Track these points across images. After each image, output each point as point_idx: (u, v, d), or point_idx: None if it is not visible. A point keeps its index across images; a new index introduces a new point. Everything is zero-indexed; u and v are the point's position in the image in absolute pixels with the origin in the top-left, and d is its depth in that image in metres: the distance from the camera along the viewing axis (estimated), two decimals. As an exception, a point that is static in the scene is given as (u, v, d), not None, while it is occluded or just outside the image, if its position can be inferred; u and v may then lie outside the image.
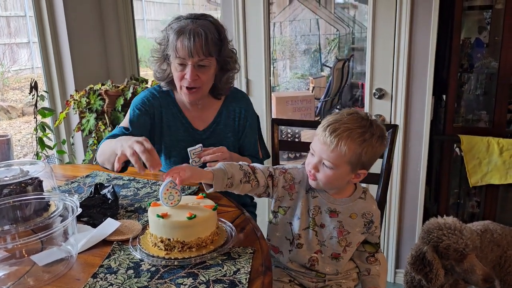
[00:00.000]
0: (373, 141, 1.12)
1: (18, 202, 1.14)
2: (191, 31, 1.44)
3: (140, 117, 1.58)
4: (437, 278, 1.51)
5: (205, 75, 1.50)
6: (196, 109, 1.64)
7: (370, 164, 1.18)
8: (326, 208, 1.23)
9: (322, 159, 1.14)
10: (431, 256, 1.50)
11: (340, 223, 1.23)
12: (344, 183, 1.21)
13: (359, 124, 1.12)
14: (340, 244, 1.25)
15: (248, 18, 2.44)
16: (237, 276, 0.97)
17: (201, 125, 1.64)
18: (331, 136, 1.10)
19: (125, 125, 1.58)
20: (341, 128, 1.10)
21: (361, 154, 1.12)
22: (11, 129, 5.15)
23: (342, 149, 1.10)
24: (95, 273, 0.99)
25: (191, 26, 1.45)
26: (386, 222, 2.40)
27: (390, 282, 2.48)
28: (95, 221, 1.22)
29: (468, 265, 1.49)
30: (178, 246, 1.04)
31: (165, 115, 1.62)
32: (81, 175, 1.66)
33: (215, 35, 1.48)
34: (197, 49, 1.44)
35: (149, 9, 8.67)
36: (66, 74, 2.63)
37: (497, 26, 2.37)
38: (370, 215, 1.25)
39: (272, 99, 3.23)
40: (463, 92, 2.53)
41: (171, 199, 1.12)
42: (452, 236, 1.50)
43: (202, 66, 1.48)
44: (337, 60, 5.65)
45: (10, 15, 5.71)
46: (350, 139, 1.10)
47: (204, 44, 1.44)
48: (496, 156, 2.14)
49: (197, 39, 1.43)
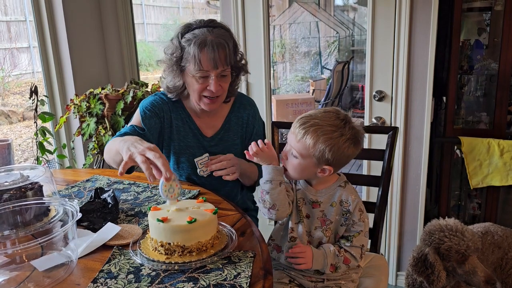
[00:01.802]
0: (340, 141, 1.17)
1: (18, 207, 1.14)
2: (214, 42, 1.42)
3: (151, 119, 1.55)
4: (439, 280, 1.50)
5: (226, 84, 1.51)
6: (205, 115, 1.63)
7: (338, 163, 1.22)
8: (308, 199, 1.29)
9: (291, 148, 1.22)
10: (433, 258, 1.50)
11: (322, 213, 1.27)
12: (312, 175, 1.25)
13: (331, 123, 1.18)
14: (324, 234, 1.27)
15: (248, 21, 2.44)
16: (237, 280, 0.96)
17: (210, 132, 1.64)
18: (300, 128, 1.19)
19: (138, 124, 1.55)
20: (311, 122, 1.18)
21: (325, 151, 1.17)
22: (12, 134, 5.15)
23: (307, 142, 1.17)
24: (95, 278, 0.99)
25: (211, 37, 1.43)
26: (387, 225, 2.40)
27: (392, 284, 2.47)
28: (95, 225, 1.22)
29: (469, 267, 1.48)
30: (179, 250, 1.04)
31: (175, 120, 1.61)
32: (81, 179, 1.66)
33: (232, 43, 1.48)
34: (222, 60, 1.43)
35: (149, 13, 8.68)
36: (66, 79, 2.63)
37: (497, 27, 2.37)
38: (348, 204, 1.25)
39: (272, 102, 3.24)
40: (463, 93, 2.53)
41: (171, 192, 1.14)
42: (453, 237, 1.50)
43: (224, 76, 1.49)
44: (337, 62, 5.65)
45: (11, 19, 5.72)
46: (315, 134, 1.16)
47: (228, 54, 1.44)
48: (496, 158, 2.14)
49: (221, 51, 1.42)
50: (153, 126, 1.55)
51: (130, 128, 1.52)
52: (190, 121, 1.62)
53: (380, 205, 1.65)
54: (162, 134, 1.60)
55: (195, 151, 1.60)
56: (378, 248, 1.66)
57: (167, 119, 1.60)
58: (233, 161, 1.48)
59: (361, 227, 1.26)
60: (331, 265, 1.24)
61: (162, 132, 1.60)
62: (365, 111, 2.33)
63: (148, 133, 1.52)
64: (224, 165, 1.45)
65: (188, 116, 1.62)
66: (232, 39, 1.49)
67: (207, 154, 1.47)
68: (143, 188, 1.54)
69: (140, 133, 1.50)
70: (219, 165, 1.45)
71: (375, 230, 1.64)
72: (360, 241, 1.26)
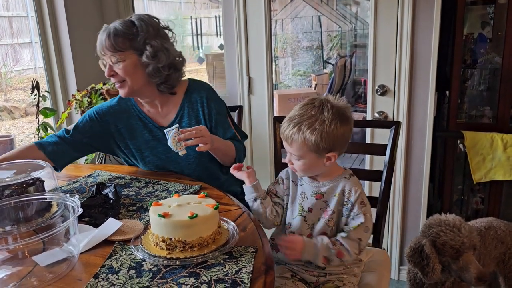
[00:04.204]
0: (324, 126, 1.18)
1: (20, 202, 1.14)
2: (107, 28, 1.53)
3: (86, 124, 1.65)
4: (433, 272, 1.50)
5: (121, 70, 1.52)
6: (155, 107, 1.66)
7: (337, 146, 1.23)
8: (311, 192, 1.30)
9: (290, 153, 1.26)
10: (429, 250, 1.50)
11: (325, 203, 1.28)
12: (322, 168, 1.27)
13: (308, 115, 1.21)
14: (327, 225, 1.27)
15: (249, 15, 2.43)
16: (239, 275, 0.96)
17: (165, 122, 1.65)
18: (285, 133, 1.23)
19: (70, 129, 1.65)
20: (292, 123, 1.22)
21: (317, 141, 1.19)
22: (14, 129, 5.16)
23: (297, 142, 1.21)
24: (97, 273, 0.99)
25: (112, 24, 1.54)
26: (390, 219, 2.39)
27: (394, 279, 2.47)
28: (96, 221, 1.22)
29: (463, 263, 1.49)
30: (180, 245, 1.04)
31: (125, 121, 1.66)
32: (83, 175, 1.66)
33: (132, 32, 1.51)
34: (108, 46, 1.50)
35: (151, 7, 8.66)
36: (68, 74, 2.63)
37: (501, 21, 2.35)
38: (350, 195, 1.25)
39: (274, 96, 3.23)
40: (466, 88, 2.51)
41: (179, 145, 1.33)
42: (449, 233, 1.50)
43: (119, 62, 1.52)
44: (339, 57, 5.63)
45: (12, 15, 5.71)
46: (300, 132, 1.20)
47: (115, 42, 1.49)
48: (500, 152, 2.13)
49: (110, 37, 1.50)
50: (87, 130, 1.64)
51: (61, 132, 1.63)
52: (143, 116, 1.66)
53: (383, 200, 1.64)
54: (107, 137, 1.67)
55: (154, 143, 1.64)
56: (380, 243, 1.66)
57: (112, 123, 1.66)
58: (203, 132, 1.43)
59: (361, 219, 1.23)
60: (323, 257, 1.23)
61: (108, 137, 1.67)
62: (368, 106, 2.32)
63: (79, 137, 1.63)
64: (193, 134, 1.41)
65: (140, 112, 1.66)
66: (135, 28, 1.51)
67: (177, 125, 1.42)
68: (145, 183, 1.54)
69: (66, 137, 1.61)
70: (187, 134, 1.40)
71: (378, 225, 1.64)
72: (358, 234, 1.23)
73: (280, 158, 1.81)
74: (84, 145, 1.65)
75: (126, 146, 1.68)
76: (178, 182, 1.53)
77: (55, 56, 2.57)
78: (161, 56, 1.53)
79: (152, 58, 1.51)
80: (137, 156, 1.67)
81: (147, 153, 1.66)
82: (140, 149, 1.66)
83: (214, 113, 1.63)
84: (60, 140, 1.61)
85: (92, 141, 1.66)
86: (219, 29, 5.18)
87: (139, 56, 1.52)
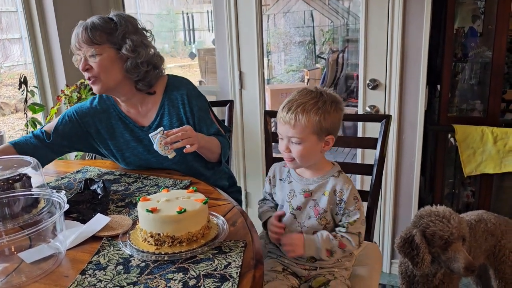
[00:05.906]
0: (327, 107, 1.21)
1: (6, 198, 1.12)
2: (84, 23, 1.49)
3: (66, 125, 1.61)
4: (423, 262, 1.51)
5: (96, 64, 1.48)
6: (135, 106, 1.62)
7: (335, 129, 1.26)
8: (300, 190, 1.30)
9: (289, 137, 1.23)
10: (419, 240, 1.51)
11: (315, 202, 1.28)
12: (319, 155, 1.27)
13: (310, 97, 1.22)
14: (319, 223, 1.27)
15: (240, 10, 2.41)
16: (228, 270, 0.96)
17: (146, 121, 1.62)
18: (289, 114, 1.21)
19: (48, 130, 1.60)
20: (295, 104, 1.22)
21: (321, 121, 1.20)
22: (5, 126, 5.11)
23: (302, 122, 1.20)
24: (84, 269, 0.98)
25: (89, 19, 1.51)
26: (381, 213, 2.40)
27: (386, 272, 2.48)
28: (84, 217, 1.21)
29: (452, 254, 1.50)
30: (168, 240, 1.03)
31: (105, 121, 1.62)
32: (72, 170, 1.65)
33: (109, 27, 1.48)
34: (85, 39, 1.46)
35: (142, 3, 8.59)
36: (57, 69, 2.60)
37: (491, 15, 2.35)
38: (342, 194, 1.25)
39: (267, 91, 3.22)
40: (457, 81, 2.52)
41: (166, 149, 1.32)
42: (439, 223, 1.51)
43: (93, 56, 1.48)
44: (331, 51, 5.63)
45: (1, 10, 5.64)
46: (305, 111, 1.20)
47: (92, 36, 1.46)
48: (490, 146, 2.13)
49: (87, 30, 1.46)
50: (67, 133, 1.60)
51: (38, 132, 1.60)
52: (123, 116, 1.63)
53: (374, 194, 1.64)
54: (88, 138, 1.63)
55: (135, 144, 1.61)
56: (371, 237, 1.66)
57: (91, 124, 1.62)
58: (190, 133, 1.41)
59: (357, 215, 1.25)
60: (326, 250, 1.24)
61: (88, 137, 1.63)
62: (359, 100, 2.32)
63: (58, 141, 1.59)
64: (180, 136, 1.38)
65: (120, 112, 1.63)
66: (113, 23, 1.49)
67: (162, 128, 1.39)
68: (134, 179, 1.53)
69: (46, 141, 1.58)
70: (173, 137, 1.37)
71: (369, 218, 1.64)
72: (356, 228, 1.26)
73: (271, 152, 1.80)
74: (64, 147, 1.63)
75: (106, 146, 1.64)
76: (168, 177, 1.52)
77: (43, 51, 2.54)
78: (140, 51, 1.50)
79: (132, 52, 1.48)
80: (118, 157, 1.64)
81: (128, 154, 1.62)
82: (121, 150, 1.62)
83: (196, 110, 1.59)
84: (40, 143, 1.58)
85: (72, 143, 1.63)
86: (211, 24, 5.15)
87: (117, 51, 1.49)
